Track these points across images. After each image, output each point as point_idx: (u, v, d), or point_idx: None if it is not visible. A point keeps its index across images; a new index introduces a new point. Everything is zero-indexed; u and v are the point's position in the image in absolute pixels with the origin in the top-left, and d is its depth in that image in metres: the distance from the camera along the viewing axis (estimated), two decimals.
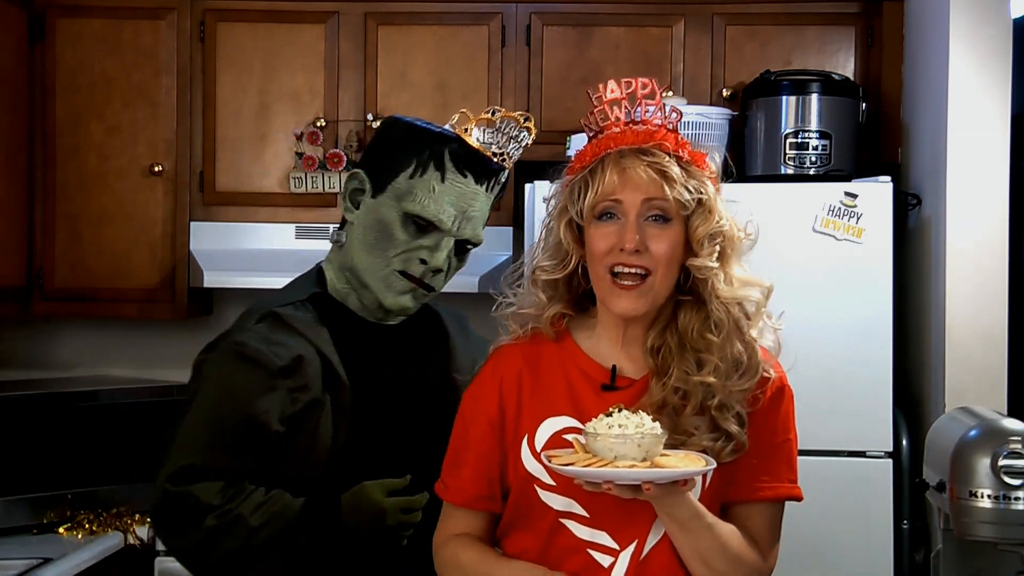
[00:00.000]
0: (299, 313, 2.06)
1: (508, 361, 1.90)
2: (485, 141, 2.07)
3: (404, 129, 2.11)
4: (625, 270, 1.78)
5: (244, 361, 1.98)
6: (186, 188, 3.71)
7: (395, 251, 2.05)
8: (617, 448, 1.63)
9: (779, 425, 1.85)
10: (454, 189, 2.05)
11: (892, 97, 3.58)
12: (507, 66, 3.67)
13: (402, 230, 2.05)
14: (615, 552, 1.81)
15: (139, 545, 3.33)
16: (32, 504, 3.34)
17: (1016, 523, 2.08)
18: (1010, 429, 2.13)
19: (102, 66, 3.72)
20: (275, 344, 2.00)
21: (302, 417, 1.99)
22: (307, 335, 2.02)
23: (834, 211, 3.11)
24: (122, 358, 4.04)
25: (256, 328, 2.03)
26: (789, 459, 1.87)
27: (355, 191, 2.12)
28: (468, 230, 2.07)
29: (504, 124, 2.08)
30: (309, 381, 2.00)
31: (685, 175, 1.78)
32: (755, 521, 1.83)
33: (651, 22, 3.65)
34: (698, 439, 1.77)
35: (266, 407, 1.96)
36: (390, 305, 2.07)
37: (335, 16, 3.69)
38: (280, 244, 3.66)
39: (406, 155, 2.06)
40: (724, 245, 1.80)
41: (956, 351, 3.09)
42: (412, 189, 2.04)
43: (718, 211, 1.80)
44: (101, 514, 3.40)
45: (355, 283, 2.09)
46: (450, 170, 2.05)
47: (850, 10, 3.61)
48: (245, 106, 3.71)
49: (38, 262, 3.73)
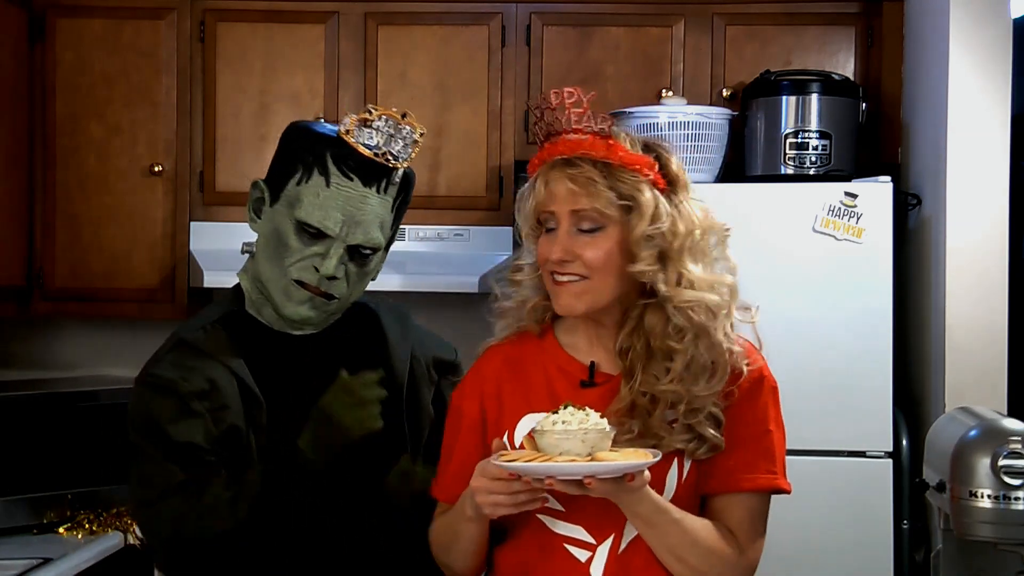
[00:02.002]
0: (208, 336, 2.03)
1: (490, 360, 1.94)
2: (367, 143, 2.00)
3: (295, 134, 2.08)
4: (561, 277, 1.82)
5: (157, 391, 1.98)
6: (186, 188, 3.71)
7: (290, 260, 2.01)
8: (561, 444, 1.65)
9: (756, 416, 1.83)
10: (340, 193, 1.99)
11: (892, 97, 3.58)
12: (507, 66, 3.67)
13: (296, 238, 2.01)
14: (592, 547, 1.82)
15: (139, 545, 3.33)
16: (32, 504, 3.34)
17: (1016, 523, 2.08)
18: (1010, 429, 2.13)
19: (102, 66, 3.72)
20: (185, 369, 1.98)
21: (231, 438, 1.97)
22: (216, 357, 2.00)
23: (834, 211, 3.12)
24: (122, 358, 4.04)
25: (167, 358, 2.02)
26: (768, 451, 1.84)
27: (257, 201, 2.09)
28: (359, 235, 2.01)
29: (383, 122, 2.00)
30: (227, 401, 1.97)
31: (611, 182, 1.78)
32: (732, 513, 1.82)
33: (651, 22, 3.64)
34: (669, 441, 1.77)
35: (187, 432, 1.95)
36: (290, 315, 2.03)
37: (335, 16, 3.69)
38: None
39: (294, 160, 2.03)
40: (666, 247, 1.79)
41: (956, 351, 3.09)
42: (300, 196, 2.00)
43: (652, 214, 1.78)
44: (101, 514, 3.40)
45: (266, 293, 2.07)
46: (334, 174, 1.99)
47: (850, 10, 3.61)
48: (245, 106, 3.71)
49: (38, 262, 3.73)
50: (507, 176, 3.67)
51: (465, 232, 3.63)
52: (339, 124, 2.02)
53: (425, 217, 3.56)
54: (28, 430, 3.35)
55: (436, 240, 3.64)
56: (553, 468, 1.65)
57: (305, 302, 2.03)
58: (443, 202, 3.64)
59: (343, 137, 2.00)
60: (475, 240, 3.62)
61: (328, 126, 2.06)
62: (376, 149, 2.00)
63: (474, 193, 3.67)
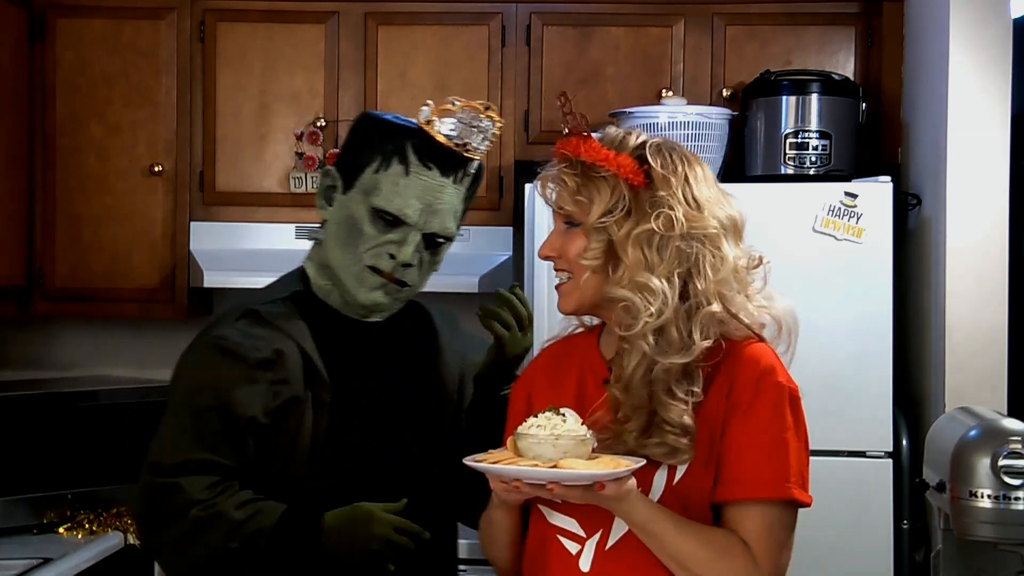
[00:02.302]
0: (279, 309, 2.06)
1: (541, 356, 2.01)
2: (448, 133, 2.04)
3: (372, 124, 2.11)
4: (555, 277, 1.89)
5: (223, 354, 2.00)
6: (186, 188, 3.72)
7: (364, 247, 2.05)
8: (533, 448, 1.69)
9: (764, 423, 1.79)
10: (419, 182, 2.03)
11: (892, 97, 3.58)
12: (507, 66, 3.67)
13: (371, 225, 2.05)
14: (582, 540, 1.83)
15: (139, 545, 3.33)
16: (32, 504, 3.34)
17: (1016, 523, 2.08)
18: (1010, 429, 2.13)
19: (102, 66, 3.72)
20: (254, 339, 2.00)
21: (284, 412, 1.99)
22: (287, 331, 2.03)
23: (834, 211, 3.11)
24: (122, 358, 4.05)
25: (236, 324, 2.04)
26: (780, 459, 1.78)
27: (328, 188, 2.12)
28: (435, 223, 2.05)
29: (464, 114, 2.05)
30: (289, 376, 1.99)
31: (578, 179, 1.82)
32: (744, 524, 1.78)
33: (651, 22, 3.65)
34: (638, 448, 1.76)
35: (246, 399, 1.96)
36: (363, 301, 2.07)
37: (335, 16, 3.69)
38: (280, 244, 3.66)
39: (372, 150, 2.06)
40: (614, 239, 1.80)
41: (956, 351, 3.09)
42: (378, 184, 2.04)
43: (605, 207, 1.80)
44: (101, 514, 3.40)
45: (335, 280, 2.10)
46: (414, 163, 2.03)
47: (850, 10, 3.61)
48: (245, 106, 3.71)
49: (38, 262, 3.73)
50: (507, 176, 3.67)
51: (465, 232, 3.62)
52: (419, 114, 2.07)
53: None
54: (28, 430, 3.35)
55: None
56: (506, 471, 1.69)
57: (378, 288, 2.06)
58: None
59: (423, 127, 2.04)
60: (475, 240, 3.62)
61: (402, 117, 2.11)
62: (456, 139, 2.05)
63: None
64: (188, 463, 1.95)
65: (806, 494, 1.81)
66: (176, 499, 1.95)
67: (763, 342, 1.86)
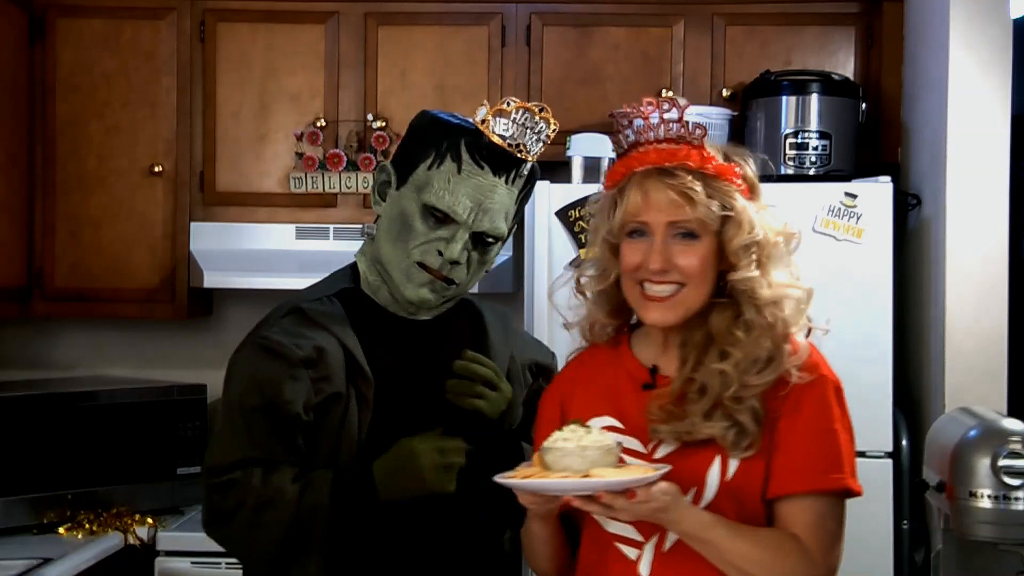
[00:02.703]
0: (324, 307, 2.08)
1: (570, 367, 2.02)
2: (502, 133, 2.05)
3: (428, 122, 2.12)
4: (654, 287, 1.82)
5: (267, 353, 2.01)
6: (186, 188, 3.72)
7: (415, 243, 2.06)
8: (561, 461, 1.69)
9: (817, 415, 1.81)
10: (471, 181, 2.04)
11: (892, 97, 3.58)
12: (507, 66, 3.67)
13: (421, 222, 2.05)
14: (640, 544, 1.83)
15: (139, 545, 3.33)
16: (32, 504, 3.34)
17: (1016, 523, 2.08)
18: (1010, 429, 2.13)
19: (102, 66, 3.72)
20: (297, 337, 2.02)
21: (326, 408, 2.00)
22: (330, 328, 2.04)
23: (834, 211, 3.12)
24: (122, 358, 4.04)
25: (281, 323, 2.06)
26: (832, 450, 1.80)
27: (383, 183, 2.14)
28: (485, 222, 2.05)
29: (519, 115, 2.06)
30: (331, 373, 2.01)
31: (708, 192, 1.79)
32: (798, 518, 1.79)
33: (651, 22, 3.65)
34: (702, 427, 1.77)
35: (291, 396, 1.98)
36: (411, 297, 2.07)
37: (335, 16, 3.70)
38: (280, 244, 3.66)
39: (426, 147, 2.07)
40: (760, 254, 1.81)
41: (956, 351, 3.10)
42: (430, 180, 2.05)
43: (749, 221, 1.81)
44: (101, 514, 3.40)
45: (384, 275, 2.11)
46: (467, 161, 2.04)
47: (850, 10, 3.61)
48: (245, 106, 3.71)
49: (38, 262, 3.73)
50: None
51: None
52: (475, 114, 2.07)
53: None
54: (28, 430, 3.35)
55: None
56: (535, 485, 1.70)
57: (425, 284, 2.06)
58: None
59: (479, 127, 2.05)
60: None
61: (458, 116, 2.12)
62: (510, 140, 2.05)
63: None
64: (242, 461, 1.98)
65: (858, 483, 1.83)
66: (233, 493, 1.97)
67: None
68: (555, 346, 3.22)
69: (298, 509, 1.95)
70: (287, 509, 1.95)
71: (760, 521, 1.80)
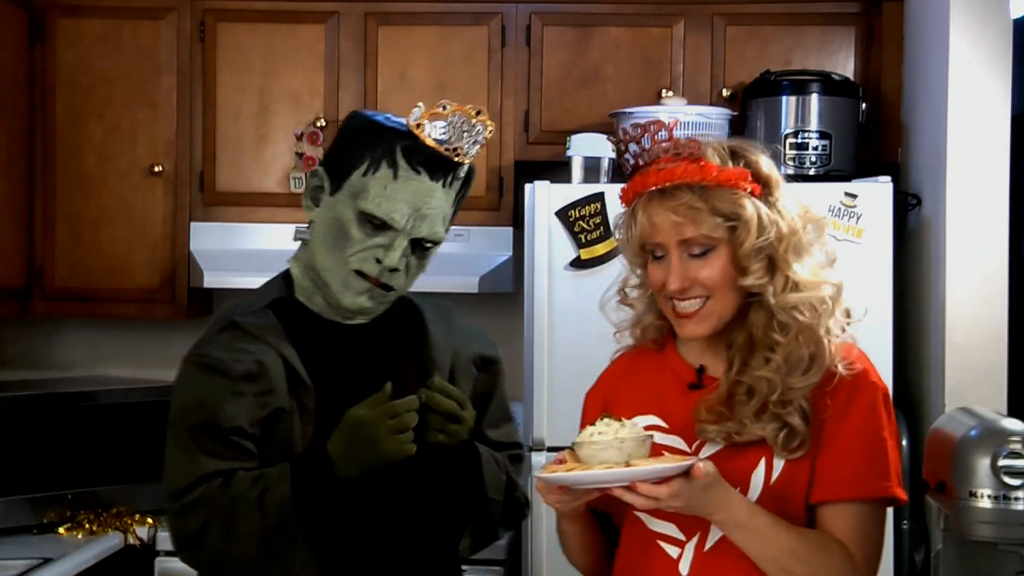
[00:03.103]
0: (259, 320, 2.05)
1: (615, 365, 2.03)
2: (438, 137, 2.01)
3: (361, 125, 2.06)
4: (681, 303, 1.83)
5: (206, 370, 1.99)
6: (186, 188, 3.72)
7: (352, 250, 2.02)
8: (599, 454, 1.70)
9: (864, 420, 1.80)
10: (408, 187, 2.00)
11: (892, 97, 3.58)
12: (507, 66, 3.67)
13: (358, 229, 2.02)
14: (681, 543, 1.83)
15: (139, 545, 3.33)
16: (32, 504, 3.34)
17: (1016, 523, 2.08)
18: (1010, 429, 2.13)
19: (102, 66, 3.72)
20: (236, 352, 2.00)
21: (272, 423, 1.98)
22: (268, 341, 2.01)
23: (834, 211, 3.12)
24: (122, 358, 4.05)
25: (218, 339, 2.03)
26: (880, 457, 1.80)
27: (315, 188, 2.09)
28: (424, 228, 2.03)
29: (455, 118, 2.02)
30: (274, 386, 1.98)
31: (712, 206, 1.78)
32: (842, 524, 1.78)
33: (651, 22, 3.65)
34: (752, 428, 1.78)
35: (234, 412, 1.96)
36: (349, 305, 2.05)
37: (335, 16, 3.70)
38: (280, 244, 3.65)
39: (360, 152, 2.02)
40: (773, 254, 1.80)
41: (956, 351, 3.09)
42: (366, 187, 2.01)
43: (757, 226, 1.79)
44: (101, 514, 3.40)
45: (319, 282, 2.08)
46: (403, 167, 2.00)
47: (850, 10, 3.61)
48: (245, 106, 3.71)
49: (38, 262, 3.74)
50: (507, 176, 3.67)
51: (465, 232, 3.63)
52: (408, 116, 2.03)
53: None
54: (28, 430, 3.35)
55: None
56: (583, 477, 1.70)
57: (364, 292, 2.04)
58: None
59: (413, 130, 2.01)
60: (475, 240, 3.62)
61: (392, 118, 2.08)
62: (447, 144, 2.02)
63: (474, 193, 3.59)
64: (201, 479, 1.95)
65: (903, 492, 1.83)
66: (198, 512, 1.95)
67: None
68: (555, 346, 3.24)
69: (265, 510, 1.92)
70: (254, 513, 1.92)
71: (801, 524, 1.80)
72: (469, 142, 2.03)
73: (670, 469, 1.67)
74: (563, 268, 3.19)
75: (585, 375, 3.23)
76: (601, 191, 3.19)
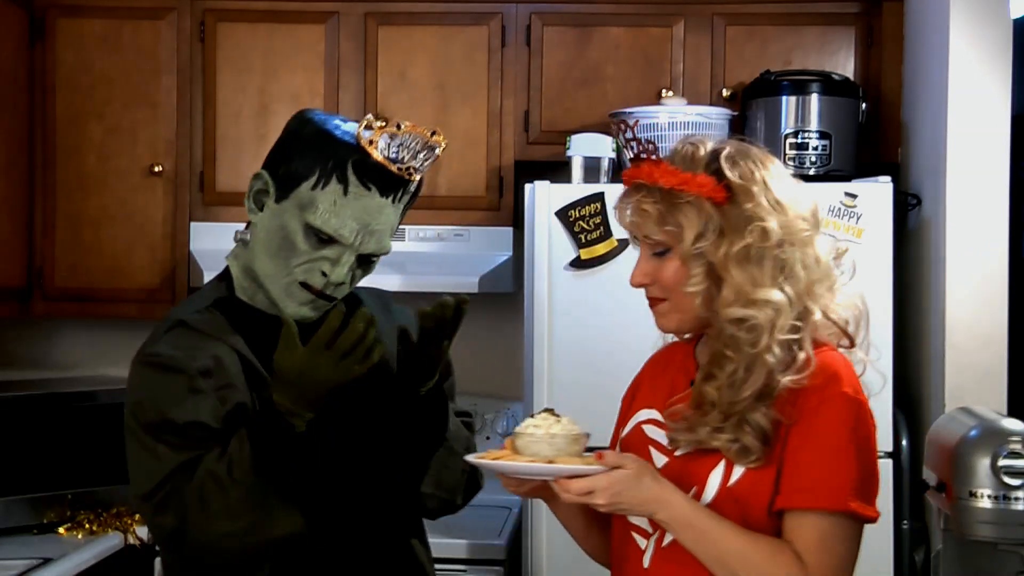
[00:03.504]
0: (207, 317, 2.03)
1: (649, 360, 2.05)
2: (392, 156, 1.98)
3: (312, 133, 2.01)
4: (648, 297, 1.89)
5: (160, 369, 1.95)
6: (186, 188, 3.72)
7: (297, 261, 2.00)
8: (530, 446, 1.77)
9: (823, 430, 1.77)
10: (357, 203, 1.97)
11: (892, 97, 3.58)
12: (507, 66, 3.67)
13: (304, 240, 1.99)
14: (648, 536, 1.86)
15: (139, 545, 3.33)
16: (32, 504, 3.34)
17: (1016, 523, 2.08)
18: (1010, 429, 2.13)
19: (102, 66, 3.72)
20: (188, 349, 1.96)
21: (235, 419, 1.95)
22: (219, 336, 1.99)
23: (834, 211, 3.12)
24: (122, 358, 3.99)
25: (165, 337, 2.00)
26: (841, 469, 1.76)
27: (260, 192, 2.04)
28: (372, 244, 2.00)
29: (409, 138, 1.98)
30: (233, 379, 1.96)
31: (660, 207, 1.80)
32: (798, 533, 1.76)
33: (651, 22, 3.65)
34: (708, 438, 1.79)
35: (192, 408, 1.92)
36: (291, 314, 2.01)
37: (335, 16, 3.70)
38: None
39: (310, 163, 1.98)
40: (713, 262, 1.79)
41: (956, 351, 3.09)
42: (314, 201, 1.97)
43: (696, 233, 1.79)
44: (101, 514, 3.40)
45: (258, 285, 2.06)
46: (353, 183, 1.96)
47: (850, 10, 3.61)
48: (245, 106, 3.71)
49: (38, 262, 3.74)
50: (507, 176, 3.67)
51: (465, 232, 3.64)
52: (358, 125, 1.99)
53: (425, 217, 3.55)
54: (28, 430, 3.35)
55: (436, 240, 3.64)
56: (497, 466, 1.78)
57: (307, 303, 2.02)
58: (443, 202, 3.64)
59: (365, 147, 1.97)
60: (475, 240, 3.62)
61: (343, 126, 2.03)
62: (399, 163, 1.98)
63: (474, 193, 3.67)
64: (171, 473, 1.92)
65: (869, 507, 1.79)
66: (173, 505, 1.91)
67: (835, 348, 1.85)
68: (555, 346, 3.24)
69: (234, 477, 1.88)
70: (226, 485, 1.88)
71: (766, 532, 1.79)
72: (421, 161, 2.00)
73: (579, 470, 1.72)
74: (563, 268, 3.19)
75: (585, 375, 3.24)
76: (601, 191, 3.20)
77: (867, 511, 1.78)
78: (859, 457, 1.78)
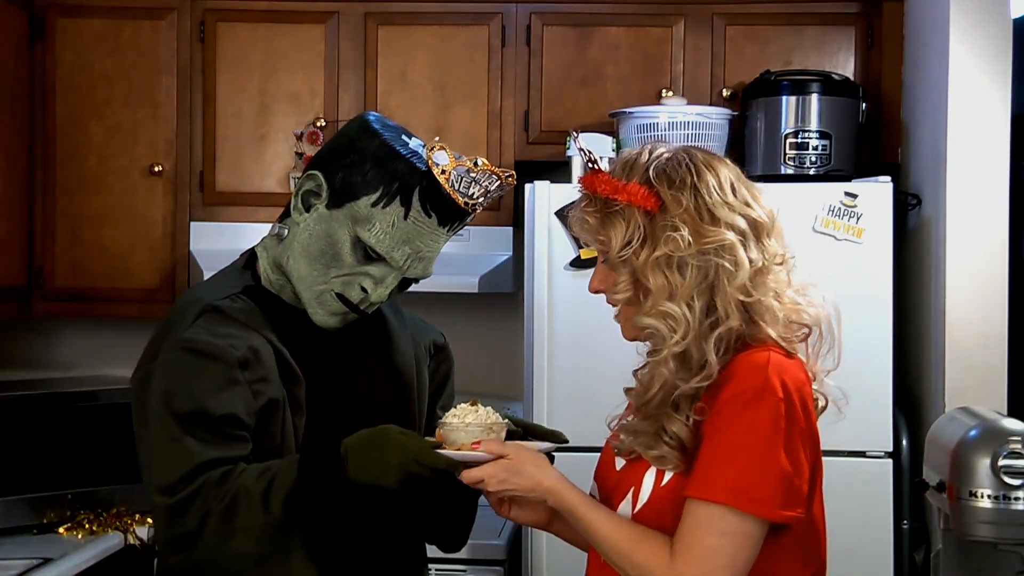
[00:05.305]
0: (240, 305, 1.95)
1: None
2: (463, 191, 1.94)
3: (378, 147, 1.95)
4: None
5: (198, 357, 1.85)
6: (186, 188, 3.72)
7: (338, 272, 1.95)
8: (449, 435, 1.86)
9: (726, 424, 1.74)
10: (414, 228, 1.93)
11: (892, 97, 3.58)
12: (507, 66, 3.67)
13: (351, 253, 1.95)
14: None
15: (139, 545, 3.33)
16: (32, 504, 3.34)
17: (1016, 523, 2.08)
18: (1010, 429, 2.13)
19: (102, 66, 3.72)
20: (227, 337, 1.87)
21: (267, 415, 1.89)
22: (254, 326, 1.92)
23: (834, 211, 3.12)
24: (122, 358, 4.02)
25: (199, 323, 1.90)
26: (731, 465, 1.72)
27: (310, 194, 1.98)
28: (419, 269, 1.98)
29: (482, 177, 1.95)
30: (268, 373, 1.89)
31: (594, 216, 1.83)
32: (683, 521, 1.75)
33: (651, 22, 3.65)
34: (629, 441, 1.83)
35: (227, 400, 1.85)
36: (317, 322, 1.98)
37: (335, 16, 3.70)
38: None
39: (373, 179, 1.93)
40: (634, 268, 1.80)
41: (956, 351, 3.10)
42: (371, 218, 1.93)
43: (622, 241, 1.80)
44: (101, 514, 3.40)
45: (287, 282, 2.01)
46: (415, 208, 1.92)
47: (850, 10, 3.61)
48: (245, 106, 3.71)
49: (38, 262, 3.74)
50: None
51: (465, 232, 3.61)
52: (425, 148, 1.95)
53: None
54: (28, 430, 3.35)
55: None
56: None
57: (337, 314, 1.98)
58: None
59: (437, 176, 1.93)
60: (475, 240, 3.62)
61: (410, 143, 1.98)
62: (469, 199, 1.95)
63: None
64: (197, 468, 1.83)
65: (754, 505, 1.71)
66: (195, 506, 1.82)
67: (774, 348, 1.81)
68: (555, 346, 3.24)
69: (269, 505, 1.80)
70: (256, 507, 1.80)
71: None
72: (490, 198, 1.99)
73: (470, 456, 1.81)
74: (563, 268, 3.19)
75: (585, 374, 3.24)
76: None
77: (747, 508, 1.71)
78: (764, 455, 1.72)
